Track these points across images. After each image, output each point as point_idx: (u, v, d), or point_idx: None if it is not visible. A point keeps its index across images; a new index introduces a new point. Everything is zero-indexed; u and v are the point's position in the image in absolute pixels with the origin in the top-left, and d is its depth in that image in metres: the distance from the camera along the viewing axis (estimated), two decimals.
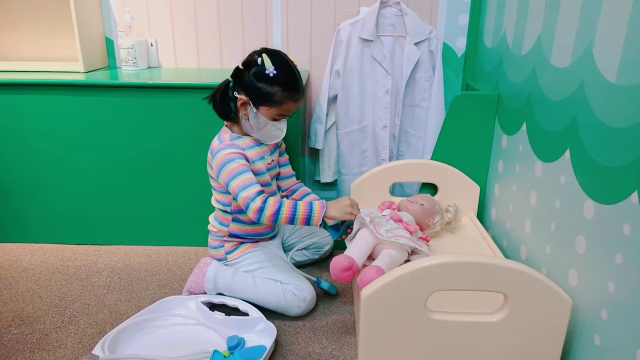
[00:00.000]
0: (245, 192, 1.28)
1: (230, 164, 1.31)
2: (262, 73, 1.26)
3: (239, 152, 1.32)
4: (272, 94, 1.27)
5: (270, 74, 1.25)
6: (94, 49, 1.84)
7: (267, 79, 1.26)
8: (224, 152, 1.33)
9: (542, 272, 1.22)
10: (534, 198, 1.29)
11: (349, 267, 1.19)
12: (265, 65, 1.26)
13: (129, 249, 1.79)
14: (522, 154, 1.37)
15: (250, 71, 1.28)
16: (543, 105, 1.25)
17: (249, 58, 1.31)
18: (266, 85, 1.27)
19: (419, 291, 1.02)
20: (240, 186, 1.28)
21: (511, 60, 1.47)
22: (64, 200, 1.76)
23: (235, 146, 1.34)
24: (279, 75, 1.26)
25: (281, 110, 1.31)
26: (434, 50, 1.78)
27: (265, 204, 1.26)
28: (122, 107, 1.65)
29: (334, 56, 1.79)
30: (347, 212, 1.29)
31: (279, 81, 1.27)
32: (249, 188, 1.28)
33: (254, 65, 1.28)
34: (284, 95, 1.28)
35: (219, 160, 1.32)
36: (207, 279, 1.40)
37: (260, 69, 1.27)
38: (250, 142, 1.38)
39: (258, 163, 1.38)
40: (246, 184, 1.28)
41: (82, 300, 1.47)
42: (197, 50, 1.94)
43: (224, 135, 1.39)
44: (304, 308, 1.38)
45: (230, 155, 1.32)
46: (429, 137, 1.84)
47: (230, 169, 1.30)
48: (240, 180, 1.29)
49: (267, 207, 1.26)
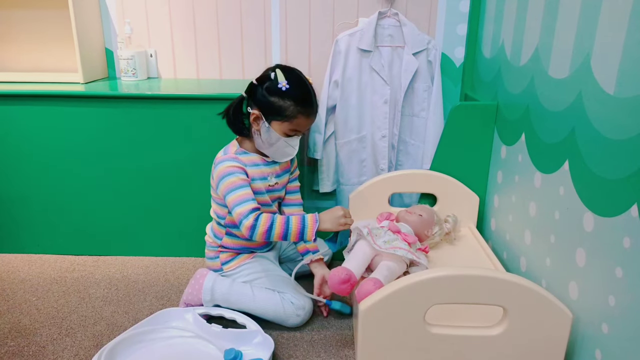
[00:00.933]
0: (239, 208, 1.26)
1: (229, 177, 1.30)
2: (275, 87, 1.26)
3: (239, 167, 1.32)
4: (284, 108, 1.27)
5: (283, 88, 1.25)
6: (94, 60, 1.85)
7: (280, 93, 1.26)
8: (225, 164, 1.32)
9: (543, 284, 1.21)
10: (533, 209, 1.29)
11: (346, 279, 1.18)
12: (278, 79, 1.26)
13: (127, 260, 1.78)
14: (521, 165, 1.36)
15: (264, 86, 1.28)
16: (542, 116, 1.24)
17: (263, 73, 1.31)
18: (278, 99, 1.27)
19: (417, 304, 1.01)
20: (236, 201, 1.28)
21: (510, 71, 1.47)
22: (62, 211, 1.75)
23: (237, 160, 1.33)
24: (292, 89, 1.27)
25: (293, 125, 1.30)
26: (433, 61, 1.78)
27: (257, 221, 1.24)
28: (122, 118, 1.65)
29: (332, 66, 1.79)
30: (341, 223, 1.28)
31: (291, 95, 1.27)
32: (244, 204, 1.27)
33: (267, 80, 1.29)
34: (296, 110, 1.28)
35: (220, 172, 1.32)
36: (204, 290, 1.40)
37: (273, 83, 1.27)
38: (256, 160, 1.37)
39: (257, 182, 1.37)
40: (242, 199, 1.27)
41: (80, 312, 1.46)
42: (196, 61, 1.94)
43: (230, 148, 1.39)
44: (303, 317, 1.37)
45: (230, 168, 1.31)
46: (428, 147, 1.83)
47: (229, 182, 1.30)
48: (237, 195, 1.28)
49: (259, 225, 1.24)
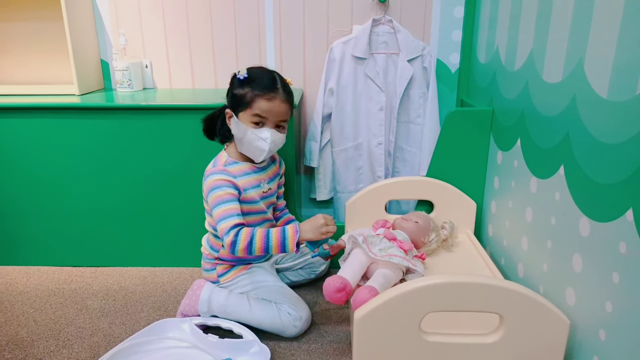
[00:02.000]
0: (222, 224, 1.26)
1: (216, 191, 1.30)
2: (236, 79, 1.33)
3: (228, 180, 1.32)
4: (244, 95, 1.30)
5: (241, 77, 1.30)
6: (89, 72, 1.85)
7: (240, 83, 1.31)
8: (213, 177, 1.32)
9: (540, 290, 1.20)
10: (529, 215, 1.28)
11: (342, 287, 1.17)
12: (240, 72, 1.32)
13: (124, 271, 1.77)
14: (517, 170, 1.36)
15: (232, 85, 1.35)
16: (536, 121, 1.24)
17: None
18: (239, 89, 1.31)
19: (413, 312, 1.00)
20: (220, 216, 1.27)
21: (504, 76, 1.46)
22: (59, 223, 1.75)
23: (226, 172, 1.33)
24: (250, 76, 1.31)
25: (254, 110, 1.28)
26: (428, 67, 1.78)
27: (238, 237, 1.23)
28: (118, 129, 1.65)
29: (327, 74, 1.79)
30: (322, 232, 1.25)
31: (249, 82, 1.30)
32: (227, 220, 1.26)
33: (233, 77, 1.35)
34: (254, 94, 1.29)
35: (208, 185, 1.33)
36: (200, 301, 1.39)
37: (235, 79, 1.33)
38: (245, 169, 1.38)
39: (251, 191, 1.37)
40: (226, 214, 1.27)
41: (77, 323, 1.45)
42: (191, 71, 1.95)
43: (219, 160, 1.39)
44: (300, 328, 1.36)
45: (218, 181, 1.31)
46: (424, 153, 1.83)
47: (216, 196, 1.30)
48: (222, 210, 1.27)
49: (239, 241, 1.23)
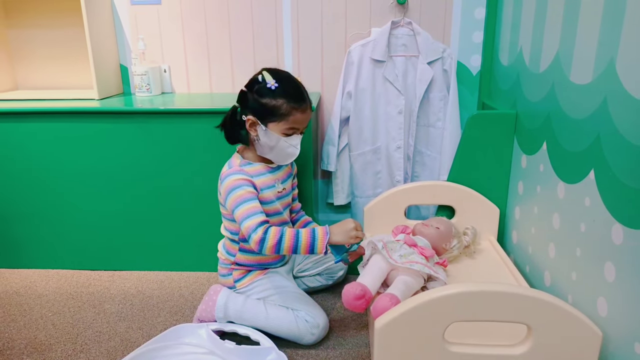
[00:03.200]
0: (247, 222, 1.24)
1: (236, 191, 1.28)
2: (265, 88, 1.27)
3: (246, 179, 1.30)
4: (278, 107, 1.27)
5: (272, 87, 1.26)
6: (109, 76, 1.87)
7: (271, 93, 1.26)
8: (232, 177, 1.31)
9: (569, 300, 1.15)
10: (557, 221, 1.23)
11: (361, 295, 1.14)
12: (266, 80, 1.26)
13: (142, 275, 1.77)
14: (543, 175, 1.31)
15: (253, 90, 1.29)
16: (564, 123, 1.19)
17: (251, 79, 1.32)
18: (270, 99, 1.26)
19: (436, 322, 0.97)
20: (244, 215, 1.25)
21: (529, 78, 1.42)
22: (79, 226, 1.76)
23: (243, 172, 1.32)
24: (281, 87, 1.27)
25: (290, 123, 1.29)
26: (448, 69, 1.74)
27: (267, 234, 1.21)
28: (137, 133, 1.65)
29: (345, 77, 1.77)
30: (352, 236, 1.23)
31: (282, 93, 1.26)
32: (252, 218, 1.24)
33: (255, 83, 1.29)
34: (290, 107, 1.27)
35: (227, 186, 1.30)
36: (217, 307, 1.37)
37: (262, 86, 1.27)
38: (261, 169, 1.36)
39: (267, 191, 1.35)
40: (250, 212, 1.25)
41: (94, 327, 1.45)
42: (209, 76, 1.94)
43: (234, 162, 1.37)
44: (318, 335, 1.34)
45: (237, 181, 1.29)
46: (444, 157, 1.79)
47: (237, 196, 1.28)
48: (245, 209, 1.25)
49: (269, 238, 1.21)
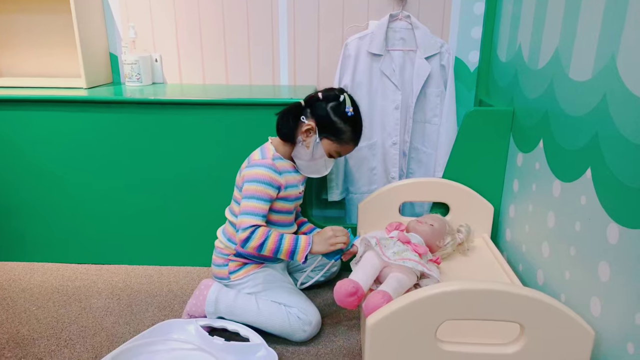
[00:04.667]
0: (245, 217, 1.26)
1: (258, 185, 1.29)
2: (342, 110, 1.30)
3: (274, 179, 1.31)
4: (343, 132, 1.32)
5: (349, 113, 1.30)
6: (98, 65, 1.83)
7: (344, 117, 1.31)
8: (262, 170, 1.31)
9: (561, 299, 1.14)
10: (552, 219, 1.22)
11: (353, 292, 1.12)
12: (347, 103, 1.31)
13: (130, 269, 1.74)
14: (539, 173, 1.30)
15: (329, 103, 1.32)
16: (561, 121, 1.18)
17: (330, 92, 1.35)
18: (341, 121, 1.31)
19: (428, 320, 0.95)
20: (248, 209, 1.27)
21: (527, 75, 1.41)
22: (65, 219, 1.73)
23: (275, 169, 1.32)
24: (354, 117, 1.32)
25: (341, 149, 1.35)
26: (446, 65, 1.72)
27: (253, 234, 1.24)
28: (125, 124, 1.62)
29: (341, 71, 1.74)
30: (332, 244, 1.26)
31: (352, 123, 1.32)
32: (251, 216, 1.26)
33: (334, 99, 1.32)
34: (351, 137, 1.33)
35: (253, 174, 1.30)
36: (207, 301, 1.35)
37: (340, 105, 1.31)
38: (288, 167, 1.37)
39: (290, 190, 1.36)
40: (253, 211, 1.27)
41: (80, 322, 1.42)
42: (202, 66, 1.91)
43: (267, 152, 1.36)
44: (310, 332, 1.32)
45: (265, 177, 1.30)
46: (440, 154, 1.77)
47: (255, 189, 1.29)
48: (253, 205, 1.27)
49: (253, 239, 1.24)
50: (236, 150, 1.54)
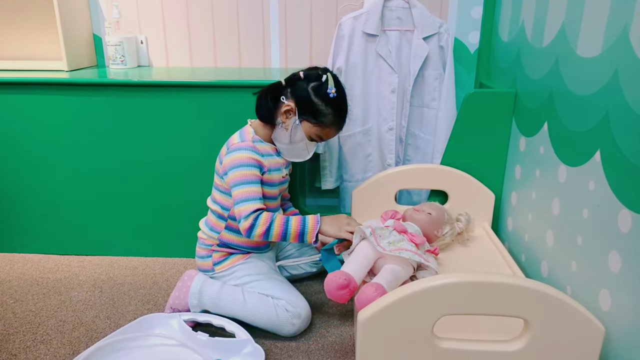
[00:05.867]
0: (243, 206, 1.20)
1: (242, 169, 1.23)
2: (324, 90, 1.24)
3: (256, 159, 1.25)
4: (324, 114, 1.25)
5: (331, 94, 1.24)
6: (80, 47, 1.74)
7: (325, 98, 1.24)
8: (242, 153, 1.24)
9: (567, 291, 1.08)
10: (557, 207, 1.14)
11: (345, 284, 1.05)
12: (329, 84, 1.24)
13: (114, 260, 1.67)
14: (543, 158, 1.23)
15: (311, 83, 1.25)
16: (568, 101, 1.10)
17: (313, 71, 1.28)
18: (322, 103, 1.24)
19: (425, 315, 0.88)
20: (242, 197, 1.21)
21: (530, 54, 1.33)
22: (46, 207, 1.65)
23: (255, 150, 1.26)
24: (337, 99, 1.25)
25: (322, 132, 1.28)
26: (445, 46, 1.64)
27: (257, 221, 1.18)
28: (108, 108, 1.54)
29: (335, 52, 1.66)
30: (344, 230, 1.19)
31: (334, 104, 1.25)
32: (248, 202, 1.20)
33: (316, 79, 1.25)
34: (333, 120, 1.27)
35: (234, 159, 1.24)
36: (191, 293, 1.28)
37: (321, 85, 1.24)
38: (269, 150, 1.32)
39: (274, 174, 1.31)
40: (248, 196, 1.21)
41: (58, 316, 1.35)
42: (189, 48, 1.83)
43: (246, 135, 1.30)
44: (299, 326, 1.26)
45: (246, 159, 1.24)
46: (438, 140, 1.69)
47: (241, 174, 1.22)
48: (245, 191, 1.21)
49: (258, 225, 1.18)
50: (226, 135, 1.46)
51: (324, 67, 1.30)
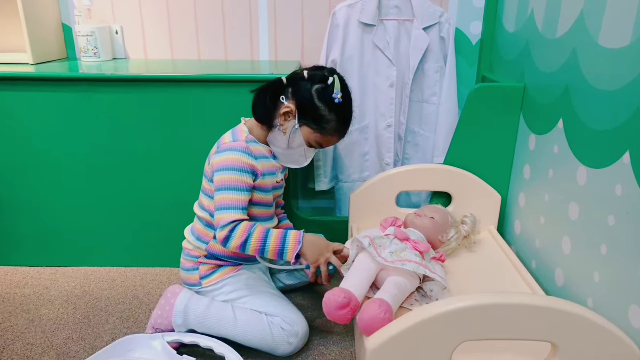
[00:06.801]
0: (223, 213, 1.10)
1: (232, 173, 1.12)
2: (328, 94, 1.13)
3: (250, 164, 1.14)
4: (326, 120, 1.14)
5: (337, 99, 1.13)
6: (47, 38, 1.59)
7: (330, 103, 1.13)
8: (234, 154, 1.13)
9: (589, 304, 0.99)
10: (575, 211, 1.05)
11: (345, 303, 0.95)
12: (335, 88, 1.13)
13: (90, 272, 1.53)
14: (557, 158, 1.13)
15: (315, 85, 1.14)
16: (588, 97, 1.01)
17: (317, 71, 1.17)
18: (326, 108, 1.13)
19: (442, 343, 0.78)
20: (224, 203, 1.11)
21: (541, 46, 1.23)
22: (15, 215, 1.51)
23: (249, 152, 1.15)
24: (342, 106, 1.14)
25: (323, 140, 1.18)
26: (446, 37, 1.53)
27: (233, 233, 1.09)
28: (79, 105, 1.41)
29: (329, 44, 1.54)
30: (319, 263, 1.11)
31: (339, 112, 1.15)
32: (229, 211, 1.10)
33: (321, 81, 1.14)
34: (335, 128, 1.16)
35: (224, 161, 1.13)
36: (175, 311, 1.17)
37: (328, 89, 1.13)
38: (264, 152, 1.21)
39: (268, 178, 1.20)
40: (231, 204, 1.11)
41: (26, 338, 1.22)
42: (170, 39, 1.69)
43: (239, 134, 1.18)
44: (296, 345, 1.16)
45: (239, 163, 1.13)
46: (439, 137, 1.59)
47: (229, 178, 1.12)
48: (229, 197, 1.11)
49: (234, 237, 1.09)
50: (212, 134, 1.34)
51: (330, 68, 1.19)
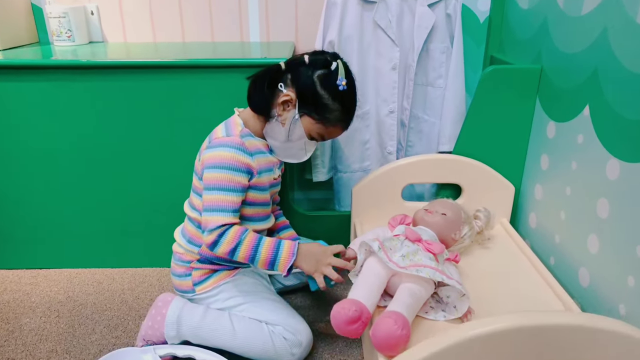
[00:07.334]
0: (210, 215, 1.01)
1: (225, 172, 1.03)
2: (332, 81, 1.05)
3: (246, 163, 1.05)
4: (329, 110, 1.06)
5: (341, 87, 1.05)
6: (15, 20, 1.45)
7: (333, 91, 1.05)
8: (228, 151, 1.04)
9: (621, 310, 0.91)
10: (604, 208, 0.96)
11: (356, 317, 0.87)
12: (339, 74, 1.05)
13: (74, 274, 1.44)
14: (583, 148, 1.04)
15: (317, 71, 1.05)
16: (622, 82, 0.91)
17: (319, 56, 1.09)
18: (328, 96, 1.05)
19: None
20: (213, 204, 1.02)
21: (563, 23, 1.12)
22: None
23: (244, 149, 1.05)
24: (347, 93, 1.07)
25: (326, 131, 1.10)
26: (452, 14, 1.42)
27: (222, 238, 1.01)
28: (53, 95, 1.29)
29: (326, 23, 1.42)
30: (319, 271, 1.02)
31: (343, 100, 1.07)
32: (218, 213, 1.01)
33: (323, 66, 1.06)
34: (339, 118, 1.08)
35: (216, 157, 1.03)
36: (167, 322, 1.08)
37: (331, 76, 1.05)
38: (261, 146, 1.12)
39: (264, 176, 1.11)
40: (221, 206, 1.02)
41: (4, 352, 1.13)
42: (151, 20, 1.56)
43: (233, 128, 1.09)
44: (299, 356, 1.08)
45: (233, 161, 1.03)
46: (445, 123, 1.49)
47: (221, 177, 1.02)
48: (219, 198, 1.02)
49: (222, 243, 1.00)
50: (201, 126, 1.24)
51: (333, 53, 1.10)
